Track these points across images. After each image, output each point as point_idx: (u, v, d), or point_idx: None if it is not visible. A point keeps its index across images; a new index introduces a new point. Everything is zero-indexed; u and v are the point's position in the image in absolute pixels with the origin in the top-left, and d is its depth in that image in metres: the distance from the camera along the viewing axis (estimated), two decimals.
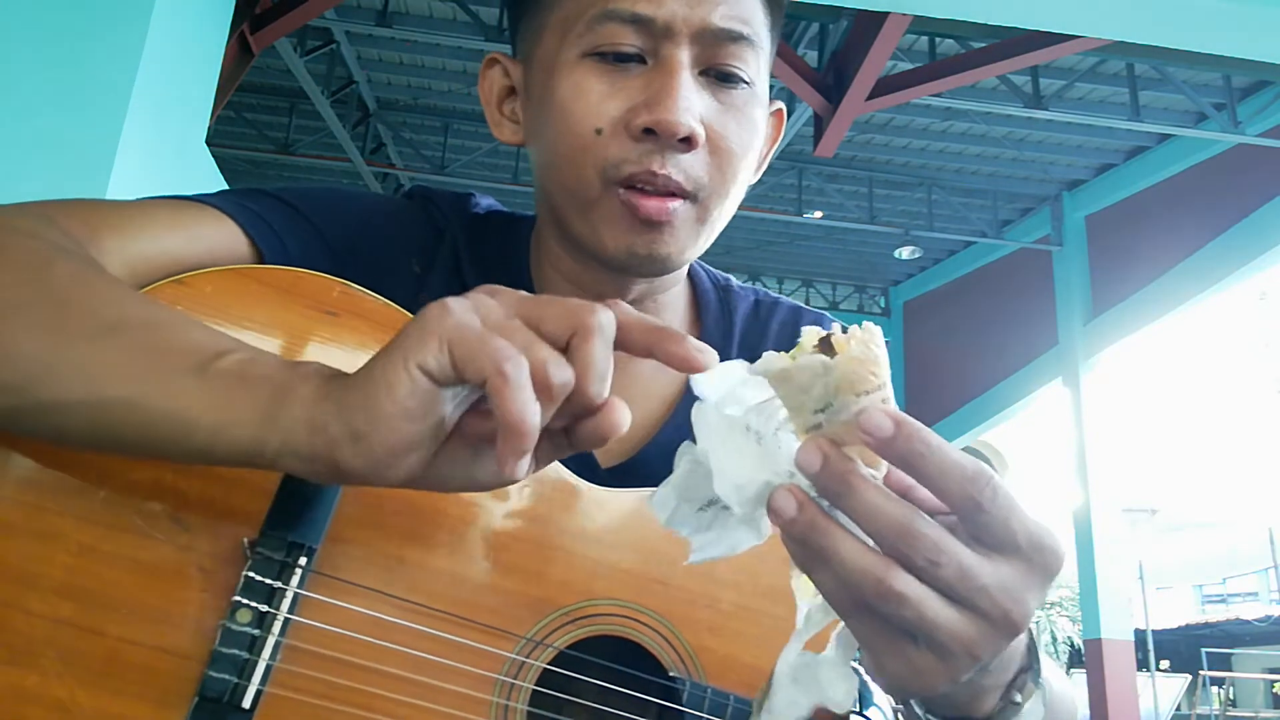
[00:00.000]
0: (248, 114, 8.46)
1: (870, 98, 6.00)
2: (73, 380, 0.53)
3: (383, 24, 6.63)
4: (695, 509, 0.52)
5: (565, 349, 0.49)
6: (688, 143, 0.70)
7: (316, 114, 7.67)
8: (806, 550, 0.47)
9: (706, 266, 0.93)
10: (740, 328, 0.90)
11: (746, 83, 0.74)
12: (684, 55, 0.71)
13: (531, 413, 0.46)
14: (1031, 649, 0.55)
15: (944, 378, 10.70)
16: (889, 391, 0.46)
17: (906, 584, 0.45)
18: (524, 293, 0.51)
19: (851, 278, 11.73)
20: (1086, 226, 9.07)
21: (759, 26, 0.75)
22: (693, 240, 0.75)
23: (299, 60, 6.87)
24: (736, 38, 0.72)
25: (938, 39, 6.58)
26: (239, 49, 5.20)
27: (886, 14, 5.05)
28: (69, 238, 0.62)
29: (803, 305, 0.96)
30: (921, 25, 5.83)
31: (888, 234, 9.59)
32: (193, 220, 0.71)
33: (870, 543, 0.46)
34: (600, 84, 0.72)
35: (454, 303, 0.49)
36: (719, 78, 0.73)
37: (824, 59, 6.35)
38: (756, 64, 0.75)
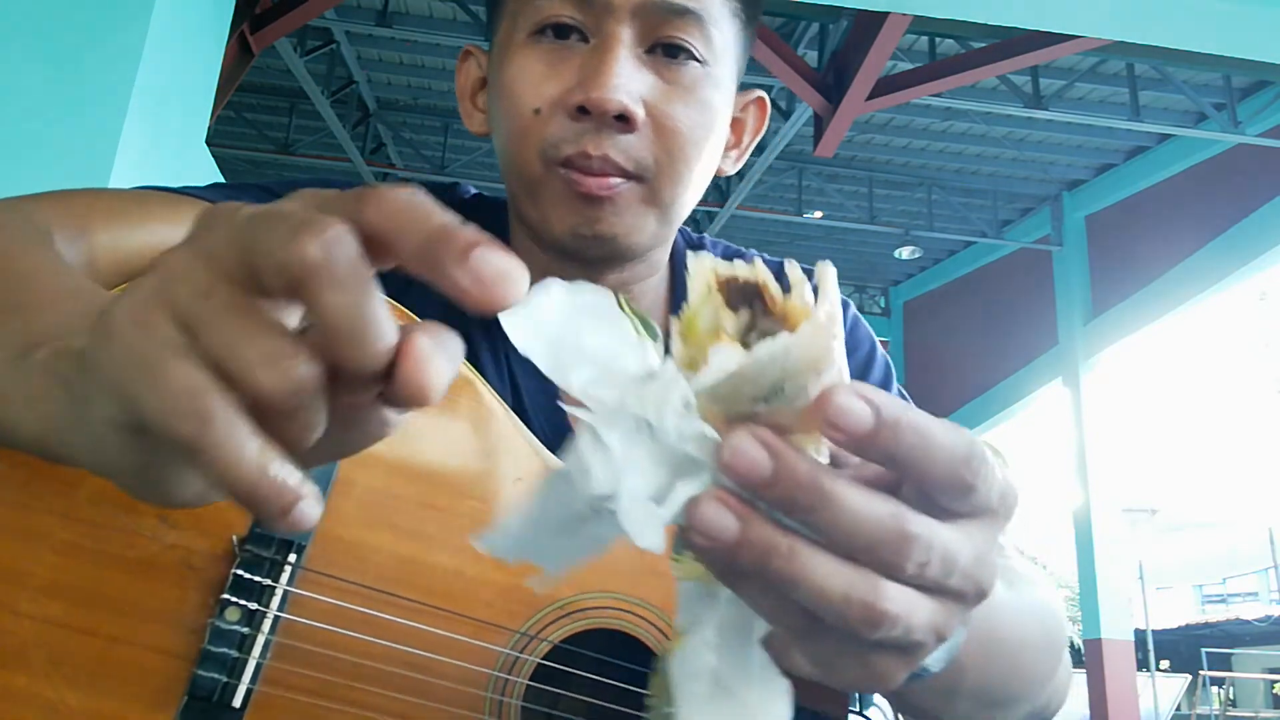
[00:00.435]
0: (248, 114, 8.45)
1: (870, 98, 5.99)
2: None
3: (383, 24, 6.63)
4: (560, 536, 0.38)
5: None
6: (625, 122, 0.69)
7: (316, 114, 7.66)
8: (748, 577, 0.35)
9: (684, 230, 0.91)
10: None
11: (698, 60, 0.72)
12: (624, 32, 0.70)
13: (250, 464, 0.30)
14: None
15: (944, 378, 10.70)
16: (840, 356, 0.36)
17: (898, 601, 0.35)
18: (245, 211, 0.34)
19: (851, 278, 11.72)
20: (1086, 226, 9.06)
21: (711, 4, 0.73)
22: (642, 222, 0.74)
23: (299, 60, 6.87)
24: (682, 11, 0.71)
25: (938, 39, 6.58)
26: (239, 49, 5.20)
27: (886, 14, 5.05)
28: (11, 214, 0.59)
29: (767, 258, 0.93)
30: (921, 25, 5.83)
31: (888, 234, 9.58)
32: (187, 213, 0.71)
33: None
34: (541, 64, 0.71)
35: (130, 301, 0.32)
36: (667, 54, 0.72)
37: (824, 59, 6.34)
38: (709, 42, 0.73)
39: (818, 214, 9.28)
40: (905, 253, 9.97)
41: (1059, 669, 0.71)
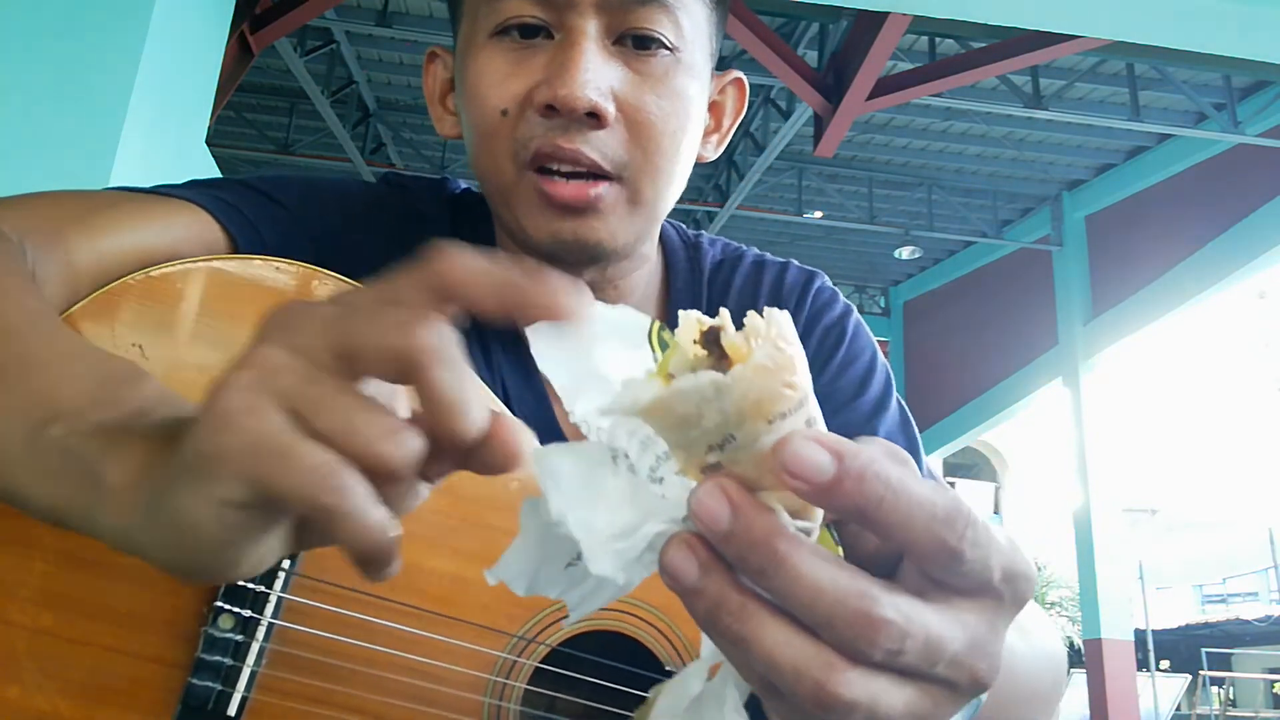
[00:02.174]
0: (248, 114, 8.45)
1: (870, 98, 5.99)
2: None
3: (383, 24, 6.62)
4: (562, 566, 0.39)
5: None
6: (596, 119, 0.68)
7: (316, 114, 7.66)
8: (711, 630, 0.34)
9: (678, 225, 0.90)
10: (707, 289, 0.87)
11: (668, 49, 0.71)
12: (588, 25, 0.69)
13: (382, 534, 0.35)
14: None
15: (944, 378, 10.69)
16: (813, 408, 0.34)
17: (858, 687, 0.33)
18: (327, 307, 0.37)
19: (851, 278, 11.72)
20: (1086, 226, 9.06)
21: None
22: (626, 224, 0.72)
23: (299, 60, 6.87)
24: (646, 0, 0.70)
25: (938, 39, 6.57)
26: (239, 49, 5.19)
27: (886, 14, 5.04)
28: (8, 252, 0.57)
29: (768, 257, 0.91)
30: (921, 25, 5.83)
31: (888, 234, 9.58)
32: (163, 213, 0.70)
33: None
34: (505, 64, 0.70)
35: (235, 393, 0.35)
36: (636, 44, 0.70)
37: (824, 59, 6.34)
38: (678, 28, 0.71)
39: (818, 214, 9.28)
40: (905, 253, 9.97)
41: (1057, 708, 0.71)
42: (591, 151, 0.68)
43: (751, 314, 0.33)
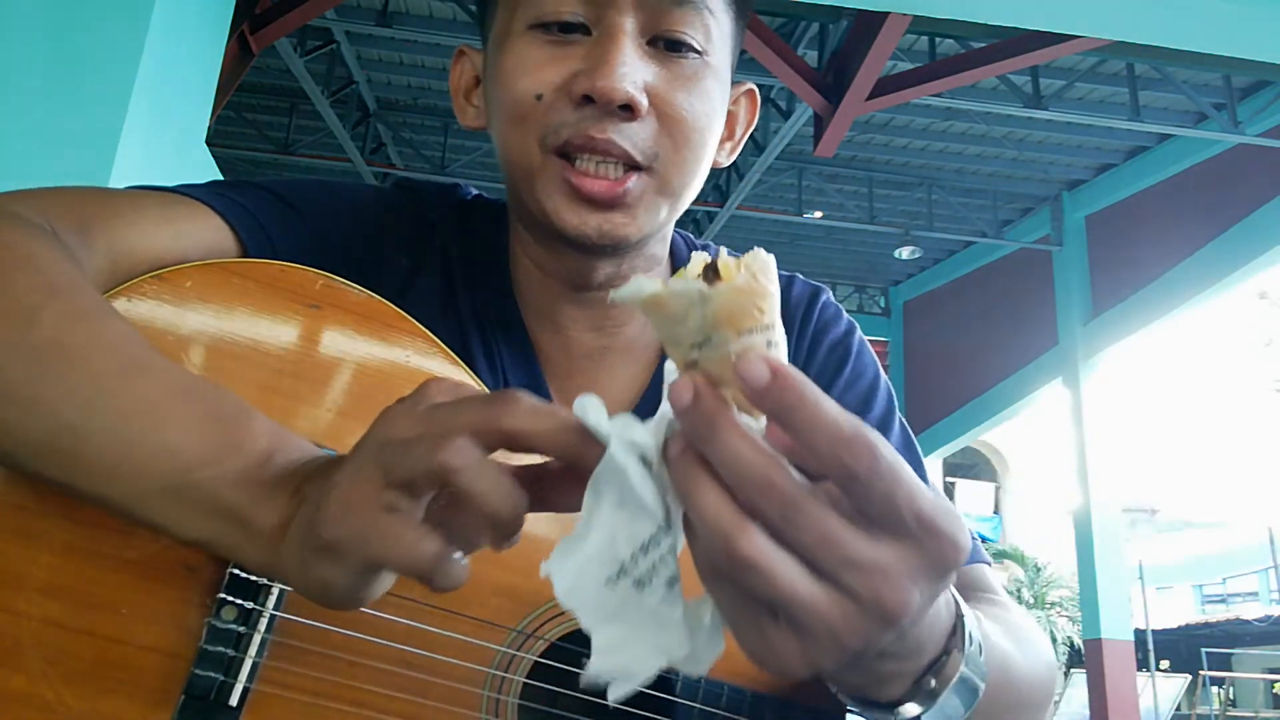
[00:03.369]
0: (248, 114, 8.45)
1: (870, 98, 5.99)
2: (55, 466, 0.53)
3: (383, 24, 6.62)
4: (601, 582, 0.43)
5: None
6: (629, 111, 0.69)
7: (316, 114, 7.66)
8: (676, 487, 0.42)
9: (685, 234, 0.92)
10: None
11: (697, 51, 0.73)
12: (626, 22, 0.71)
13: (461, 574, 0.47)
14: (958, 632, 0.51)
15: (944, 378, 10.69)
16: (777, 335, 0.41)
17: (758, 548, 0.39)
18: (381, 439, 0.48)
19: (851, 278, 11.72)
20: (1086, 226, 9.06)
21: None
22: (652, 214, 0.74)
23: (299, 60, 6.86)
24: (682, 2, 0.72)
25: (938, 39, 6.57)
26: (239, 49, 5.20)
27: (886, 14, 5.05)
28: (58, 253, 0.60)
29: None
30: (921, 25, 5.82)
31: (888, 234, 9.58)
32: (179, 215, 0.71)
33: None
34: (542, 54, 0.71)
35: (339, 497, 0.47)
36: (668, 47, 0.72)
37: (824, 59, 6.34)
38: (708, 33, 0.74)
39: (818, 214, 9.28)
40: (905, 253, 9.97)
41: (1048, 711, 0.72)
42: (623, 141, 0.70)
43: (747, 255, 0.41)
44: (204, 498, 0.52)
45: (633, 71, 0.69)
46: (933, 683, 0.51)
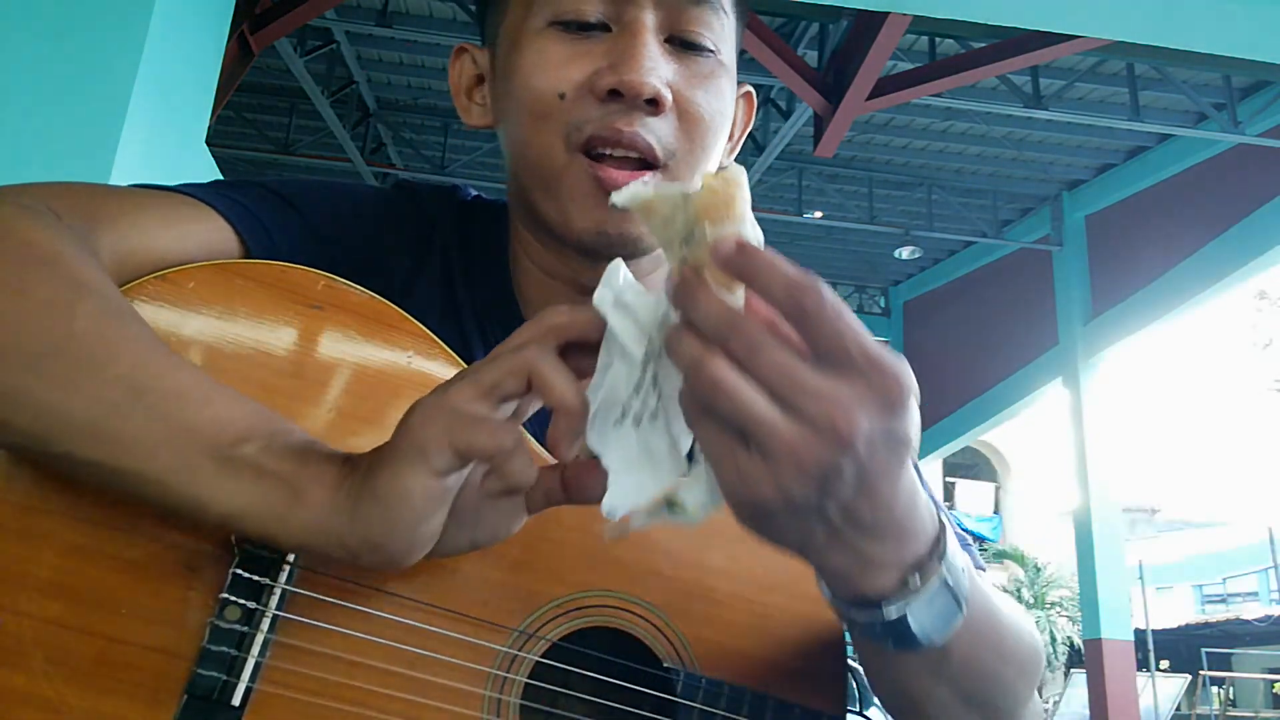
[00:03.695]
0: (248, 114, 8.45)
1: (870, 98, 5.99)
2: (93, 444, 0.54)
3: (383, 24, 6.63)
4: (611, 424, 0.54)
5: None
6: (654, 106, 0.70)
7: (316, 114, 7.66)
8: (670, 354, 0.50)
9: None
10: None
11: (712, 50, 0.74)
12: (648, 18, 0.71)
13: (530, 468, 0.56)
14: (940, 543, 0.54)
15: (944, 378, 10.70)
16: (748, 228, 0.49)
17: (724, 371, 0.46)
18: (466, 374, 0.56)
19: (851, 278, 11.72)
20: (1086, 226, 9.06)
21: None
22: None
23: (299, 60, 6.87)
24: (700, 1, 0.73)
25: (938, 39, 6.58)
26: (239, 49, 5.20)
27: (886, 14, 5.05)
28: (81, 251, 0.61)
29: None
30: (921, 25, 5.83)
31: (888, 234, 9.58)
32: (182, 216, 0.71)
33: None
34: (563, 51, 0.72)
35: (429, 404, 0.55)
36: (684, 46, 0.73)
37: (824, 59, 6.34)
38: (722, 33, 0.75)
39: (818, 214, 9.28)
40: (905, 253, 9.98)
41: (1032, 703, 0.73)
42: (648, 135, 0.71)
43: (733, 165, 0.49)
44: (251, 463, 0.55)
45: (658, 67, 0.70)
46: (917, 579, 0.54)
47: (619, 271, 0.54)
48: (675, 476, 0.53)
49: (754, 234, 0.49)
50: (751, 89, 0.86)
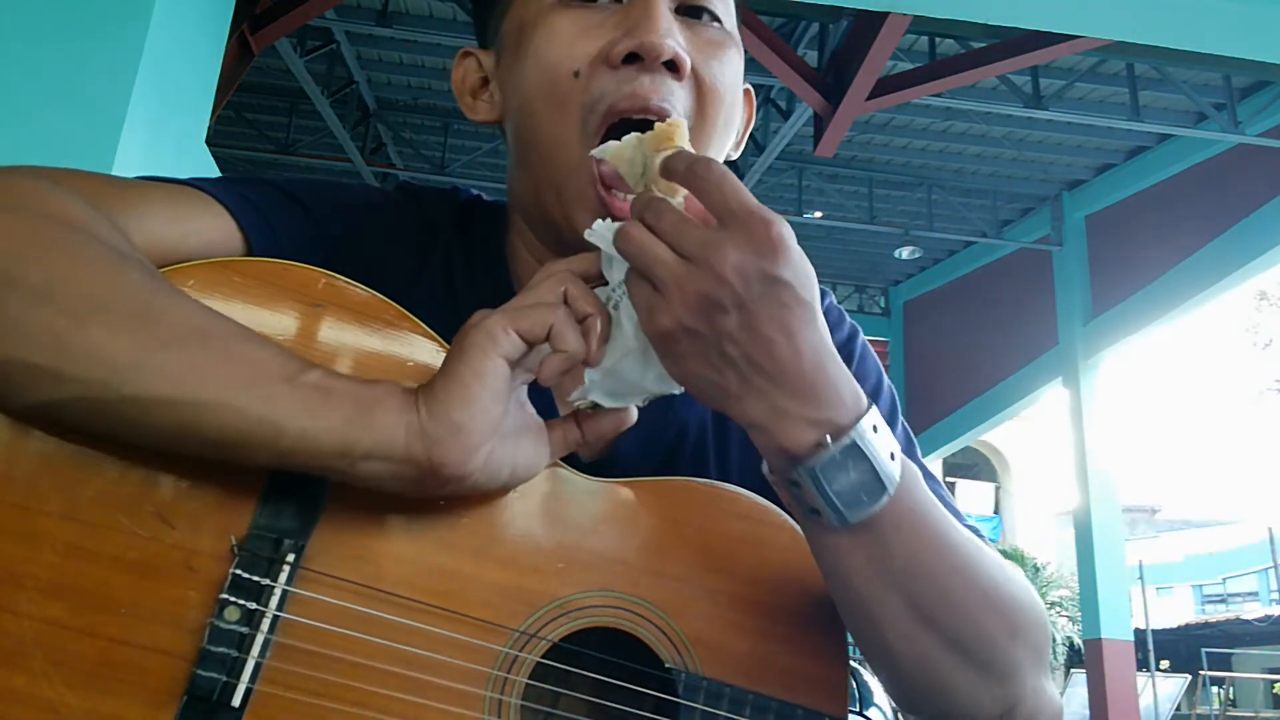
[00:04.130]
0: (248, 114, 8.45)
1: (870, 98, 5.99)
2: (162, 380, 0.55)
3: (383, 24, 6.63)
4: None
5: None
6: (674, 70, 0.70)
7: (316, 114, 7.66)
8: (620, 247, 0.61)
9: None
10: None
11: (719, 23, 0.74)
12: None
13: (581, 340, 0.62)
14: (861, 417, 0.60)
15: (944, 378, 10.69)
16: (686, 149, 0.62)
17: (636, 229, 0.59)
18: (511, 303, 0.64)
19: (851, 278, 11.72)
20: (1086, 226, 9.06)
21: None
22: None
23: (299, 60, 6.86)
24: None
25: (938, 39, 6.58)
26: (239, 49, 5.20)
27: (886, 14, 5.05)
28: (117, 231, 0.63)
29: None
30: (921, 25, 5.83)
31: (888, 234, 9.58)
32: (187, 210, 0.71)
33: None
34: (573, 27, 0.71)
35: (485, 311, 0.63)
36: (693, 14, 0.74)
37: (824, 59, 6.34)
38: (727, 7, 0.76)
39: (818, 214, 9.28)
40: (905, 253, 9.97)
41: (1028, 669, 0.70)
42: (668, 97, 0.70)
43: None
44: (321, 386, 0.58)
45: (674, 30, 0.70)
46: (828, 438, 0.59)
47: (610, 226, 0.64)
48: (639, 394, 0.67)
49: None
50: (751, 88, 0.86)
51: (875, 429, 0.61)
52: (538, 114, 0.73)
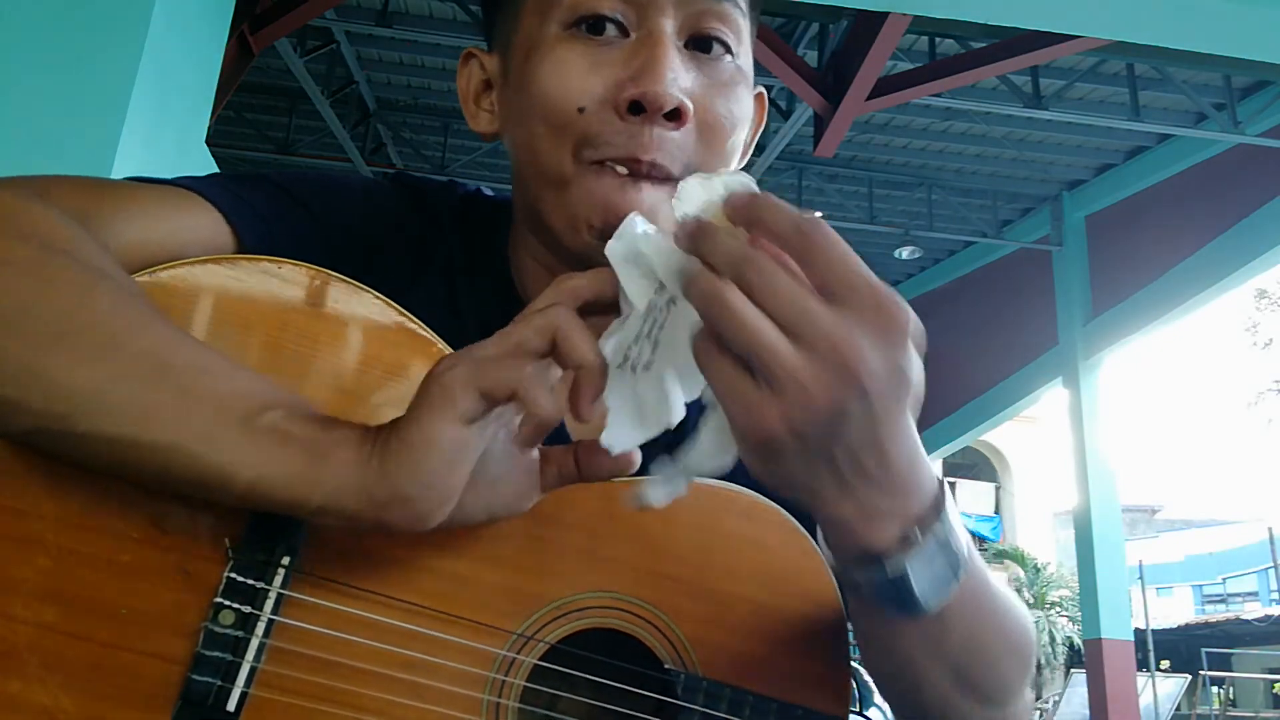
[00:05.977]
0: (248, 114, 8.45)
1: (870, 98, 5.99)
2: (120, 418, 0.54)
3: (383, 24, 6.62)
4: (616, 367, 0.56)
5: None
6: (676, 118, 0.68)
7: (316, 114, 7.66)
8: (690, 291, 0.50)
9: None
10: None
11: (731, 54, 0.73)
12: (668, 23, 0.70)
13: (556, 404, 0.54)
14: (939, 504, 0.55)
15: (944, 378, 10.69)
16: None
17: (738, 300, 0.48)
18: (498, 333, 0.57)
19: None
20: (1086, 226, 9.06)
21: None
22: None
23: (299, 60, 6.86)
24: (719, 1, 0.71)
25: (938, 39, 6.57)
26: (239, 49, 5.19)
27: (886, 14, 5.05)
28: (95, 243, 0.61)
29: None
30: (921, 25, 5.83)
31: (888, 234, 9.57)
32: (176, 209, 0.70)
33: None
34: (581, 61, 0.70)
35: (453, 357, 0.56)
36: (703, 49, 0.72)
37: (824, 59, 6.34)
38: (740, 35, 0.74)
39: (817, 214, 9.27)
40: (905, 253, 9.96)
41: (1024, 693, 0.72)
42: (665, 159, 0.69)
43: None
44: (276, 429, 0.55)
45: (680, 77, 0.69)
46: (918, 534, 0.54)
47: (635, 223, 0.54)
48: (660, 428, 0.56)
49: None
50: (764, 90, 0.86)
51: (949, 509, 0.56)
52: (536, 136, 0.72)
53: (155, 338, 0.56)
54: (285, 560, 0.60)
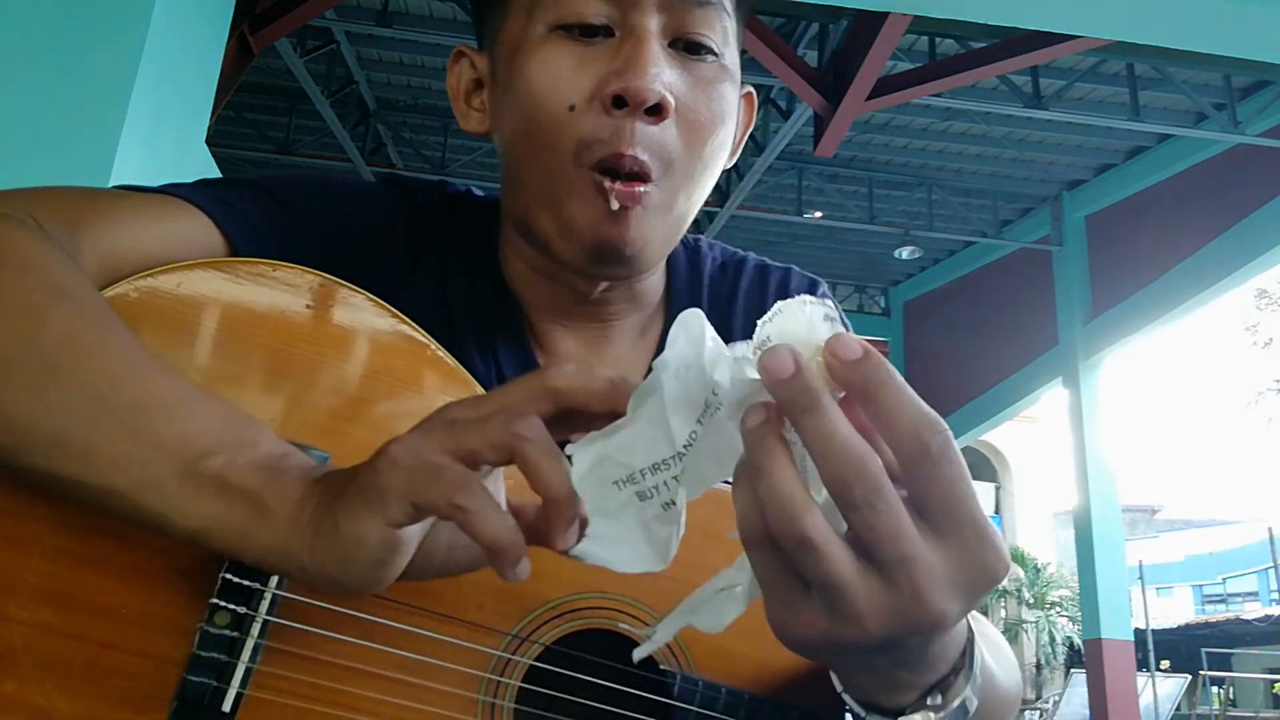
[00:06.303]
0: (248, 114, 8.45)
1: (870, 98, 5.99)
2: (57, 458, 0.53)
3: (383, 24, 6.63)
4: (610, 480, 0.48)
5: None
6: (658, 113, 0.69)
7: (316, 114, 7.66)
8: (749, 455, 0.43)
9: (685, 236, 0.91)
10: (708, 289, 0.89)
11: (715, 54, 0.73)
12: (651, 23, 0.70)
13: (506, 527, 0.48)
14: (968, 655, 0.51)
15: (944, 378, 10.69)
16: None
17: (820, 529, 0.40)
18: (449, 418, 0.51)
19: (851, 278, 11.72)
20: (1086, 226, 9.06)
21: None
22: (659, 232, 0.73)
23: (299, 60, 6.86)
24: (704, 2, 0.72)
25: (938, 39, 6.58)
26: (239, 49, 5.19)
27: (886, 14, 5.05)
28: (60, 255, 0.60)
29: (768, 262, 0.93)
30: (921, 25, 5.83)
31: (888, 234, 9.58)
32: (166, 215, 0.70)
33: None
34: (569, 59, 0.70)
35: (398, 449, 0.50)
36: (687, 49, 0.72)
37: (824, 59, 6.34)
38: (725, 35, 0.74)
39: (818, 214, 9.28)
40: (905, 253, 9.96)
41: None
42: (645, 154, 0.69)
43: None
44: (217, 479, 0.53)
45: (662, 73, 0.69)
46: (939, 698, 0.50)
47: (703, 329, 0.44)
48: (660, 567, 0.49)
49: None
50: (753, 90, 0.86)
51: (975, 661, 0.52)
52: (530, 140, 0.72)
53: (100, 368, 0.54)
54: None
